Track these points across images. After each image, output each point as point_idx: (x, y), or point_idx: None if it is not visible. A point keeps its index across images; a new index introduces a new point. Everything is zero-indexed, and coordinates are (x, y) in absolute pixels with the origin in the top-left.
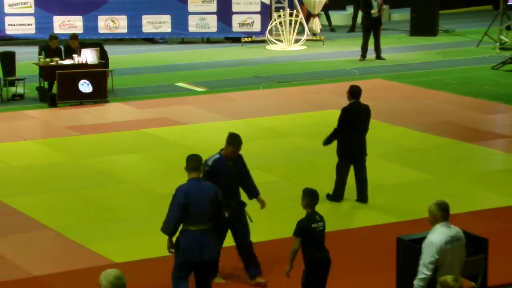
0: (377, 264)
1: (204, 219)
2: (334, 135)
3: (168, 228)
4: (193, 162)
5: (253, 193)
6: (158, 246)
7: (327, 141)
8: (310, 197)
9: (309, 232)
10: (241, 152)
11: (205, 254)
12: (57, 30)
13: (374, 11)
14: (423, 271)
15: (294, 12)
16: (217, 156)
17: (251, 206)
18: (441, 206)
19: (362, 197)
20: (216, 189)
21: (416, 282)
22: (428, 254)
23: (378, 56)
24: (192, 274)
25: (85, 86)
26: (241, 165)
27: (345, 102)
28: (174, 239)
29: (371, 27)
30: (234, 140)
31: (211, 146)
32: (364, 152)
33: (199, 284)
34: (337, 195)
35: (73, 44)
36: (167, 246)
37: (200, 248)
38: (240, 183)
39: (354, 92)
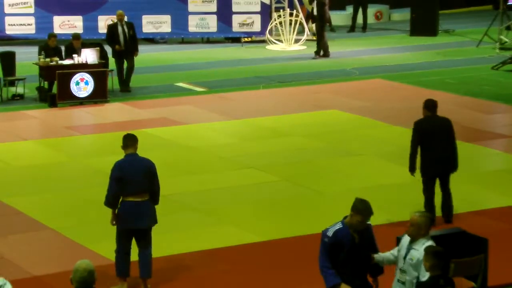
0: None
1: (139, 190)
2: (412, 152)
3: (108, 201)
4: (128, 140)
5: (376, 273)
6: (157, 246)
7: (411, 163)
8: (435, 258)
9: None
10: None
11: (140, 222)
12: (57, 30)
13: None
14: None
15: (294, 12)
16: (339, 226)
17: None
18: (430, 218)
19: (445, 216)
20: (150, 163)
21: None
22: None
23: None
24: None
25: (81, 85)
26: (369, 238)
27: (344, 102)
28: None
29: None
30: (363, 207)
31: (211, 146)
32: (447, 167)
33: (140, 250)
34: None
35: (76, 44)
36: (111, 219)
37: (136, 216)
38: (367, 260)
39: (428, 106)
